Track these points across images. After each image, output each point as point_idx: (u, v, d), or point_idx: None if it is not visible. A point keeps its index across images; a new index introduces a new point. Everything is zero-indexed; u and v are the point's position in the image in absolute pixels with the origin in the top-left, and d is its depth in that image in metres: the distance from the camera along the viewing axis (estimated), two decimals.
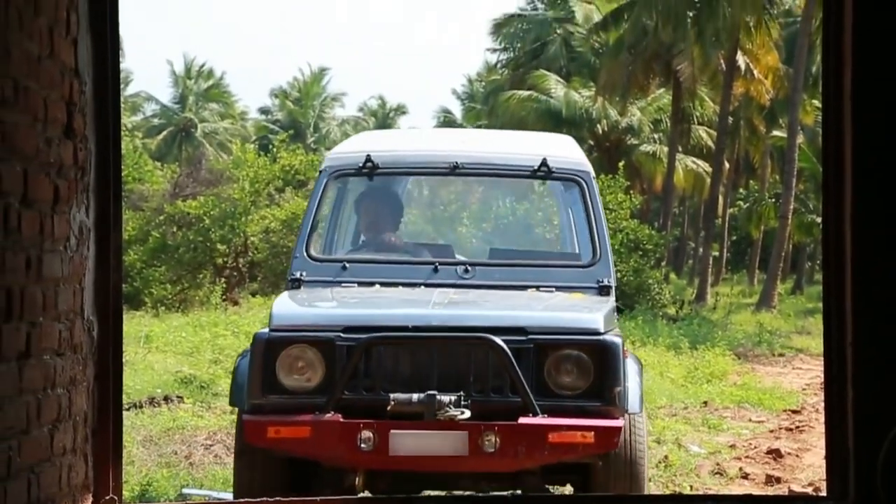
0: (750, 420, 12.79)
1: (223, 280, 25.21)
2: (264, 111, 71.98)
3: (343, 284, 7.04)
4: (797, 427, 12.15)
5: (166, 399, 12.19)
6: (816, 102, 37.68)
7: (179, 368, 14.35)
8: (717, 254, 45.47)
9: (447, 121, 66.64)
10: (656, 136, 46.00)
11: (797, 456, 10.41)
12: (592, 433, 5.97)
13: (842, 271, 4.83)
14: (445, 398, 5.94)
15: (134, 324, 18.75)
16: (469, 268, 7.13)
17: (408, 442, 5.97)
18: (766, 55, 37.89)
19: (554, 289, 6.96)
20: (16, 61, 4.12)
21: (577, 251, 7.53)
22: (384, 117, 74.24)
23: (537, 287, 7.00)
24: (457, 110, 69.40)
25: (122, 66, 5.23)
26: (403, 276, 7.11)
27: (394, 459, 6.02)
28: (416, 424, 5.97)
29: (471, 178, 8.07)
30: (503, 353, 5.98)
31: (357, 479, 6.22)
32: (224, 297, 24.38)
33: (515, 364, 5.98)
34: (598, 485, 6.31)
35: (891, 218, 4.67)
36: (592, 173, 7.50)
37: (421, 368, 6.12)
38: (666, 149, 42.92)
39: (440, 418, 5.92)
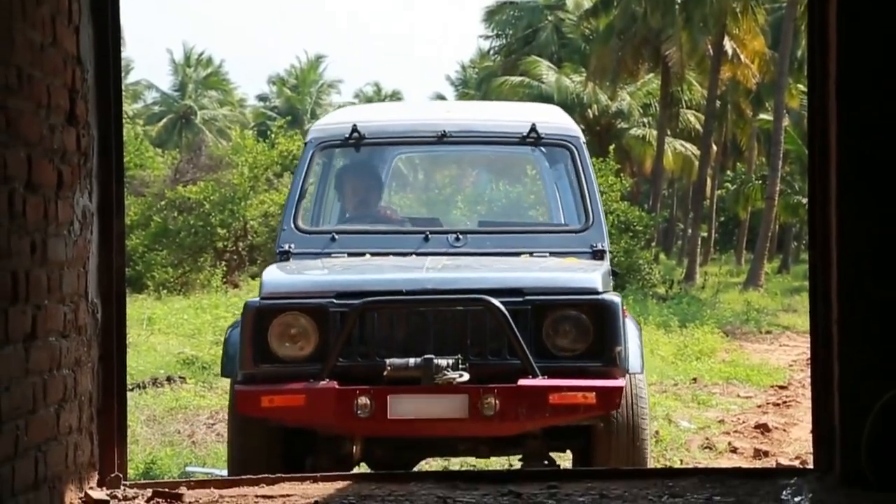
0: (738, 396, 12.79)
1: (223, 263, 25.17)
2: (262, 98, 71.84)
3: (333, 255, 6.67)
4: (784, 402, 12.15)
5: (169, 379, 12.18)
6: (802, 86, 37.61)
7: (181, 350, 14.35)
8: (705, 234, 45.46)
9: None
10: (646, 119, 45.94)
11: (784, 430, 10.42)
12: (594, 394, 5.73)
13: (827, 251, 4.83)
14: (443, 362, 5.69)
15: (137, 306, 18.72)
16: (460, 236, 6.75)
17: (406, 406, 5.73)
18: (752, 40, 37.83)
19: (548, 254, 6.65)
20: (19, 49, 4.11)
21: (568, 218, 7.17)
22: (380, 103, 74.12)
23: (530, 253, 6.67)
24: (451, 96, 69.32)
25: (123, 54, 5.22)
26: (394, 246, 6.72)
27: (392, 425, 5.79)
28: (413, 389, 5.73)
29: (459, 146, 7.56)
30: (500, 315, 5.74)
31: (354, 447, 6.02)
32: (224, 279, 24.37)
33: (514, 325, 5.74)
34: (600, 448, 6.08)
35: (874, 198, 4.67)
36: (582, 138, 7.13)
37: (417, 333, 5.86)
38: (655, 132, 42.88)
39: (438, 382, 5.68)
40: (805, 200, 19.80)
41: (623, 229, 25.93)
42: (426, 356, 5.70)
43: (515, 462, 8.25)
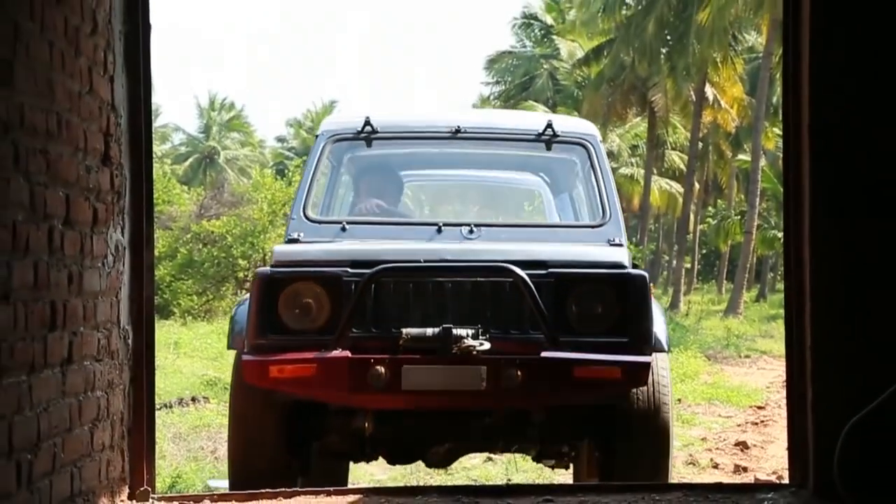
0: (719, 415, 12.76)
1: (244, 291, 25.18)
2: (280, 139, 71.99)
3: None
4: (762, 421, 12.12)
5: (194, 399, 12.18)
6: (777, 130, 37.66)
7: (205, 372, 14.35)
8: (688, 266, 45.42)
9: None
10: (634, 159, 46.00)
11: (762, 447, 10.39)
12: (620, 369, 5.03)
13: (801, 281, 4.83)
14: (462, 331, 5.01)
15: (164, 332, 18.71)
16: (474, 229, 5.88)
17: (421, 377, 5.03)
18: (731, 87, 37.91)
19: None
20: (59, 98, 4.13)
21: (584, 214, 6.41)
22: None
23: None
24: None
25: (154, 100, 5.23)
26: (405, 237, 5.85)
27: (406, 397, 5.08)
28: (430, 360, 5.04)
29: (473, 143, 6.53)
30: (523, 283, 5.04)
31: (366, 422, 5.34)
32: None
33: (537, 295, 5.05)
34: (622, 435, 5.37)
35: (844, 233, 4.68)
36: (598, 137, 6.43)
37: (435, 305, 5.15)
38: (642, 171, 42.90)
39: (456, 353, 5.00)
40: (780, 234, 19.84)
41: None
42: (445, 325, 5.04)
43: (513, 473, 8.23)
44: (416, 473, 8.18)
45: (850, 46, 4.65)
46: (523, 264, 5.14)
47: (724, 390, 14.65)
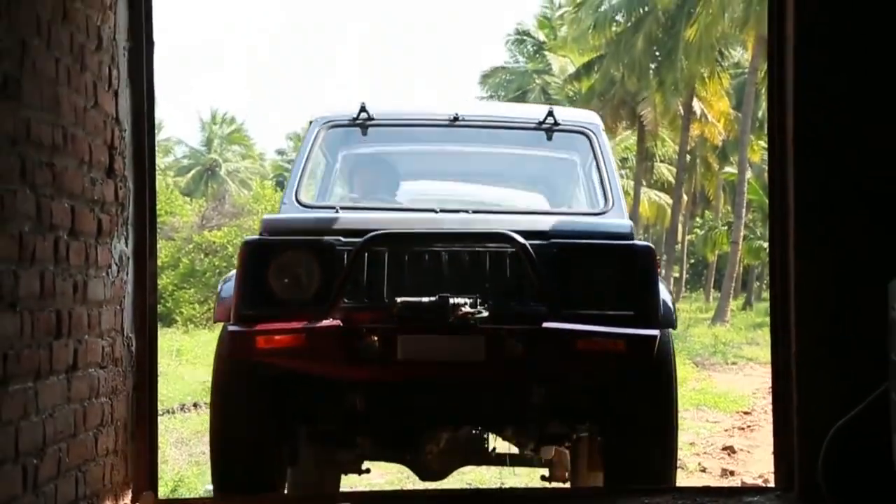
0: (707, 421, 12.77)
1: None
2: (280, 152, 71.94)
3: None
4: (748, 426, 12.13)
5: (195, 405, 12.17)
6: (762, 143, 37.71)
7: (207, 378, 14.29)
8: (677, 275, 45.44)
9: None
10: (623, 172, 46.01)
11: (748, 452, 10.40)
12: (625, 341, 4.59)
13: (786, 289, 4.84)
14: (459, 300, 4.57)
15: (167, 339, 18.69)
16: (473, 213, 5.46)
17: (417, 347, 4.60)
18: (718, 102, 37.97)
19: None
20: (65, 112, 4.13)
21: (587, 202, 5.98)
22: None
23: None
24: None
25: (157, 114, 5.19)
26: (402, 225, 5.20)
27: (402, 368, 4.64)
28: (426, 330, 4.60)
29: (471, 131, 6.06)
30: (523, 251, 4.62)
31: (357, 400, 4.92)
32: None
33: (536, 262, 4.63)
34: (626, 415, 4.92)
35: (828, 242, 4.69)
36: (601, 125, 6.03)
37: (431, 275, 4.71)
38: (632, 183, 42.94)
39: (454, 322, 4.56)
40: (766, 244, 19.85)
41: None
42: (441, 294, 4.60)
43: (509, 477, 8.19)
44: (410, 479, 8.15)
45: (835, 44, 4.65)
46: (524, 235, 4.71)
47: (712, 396, 14.65)
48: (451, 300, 4.58)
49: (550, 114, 5.97)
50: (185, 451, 9.66)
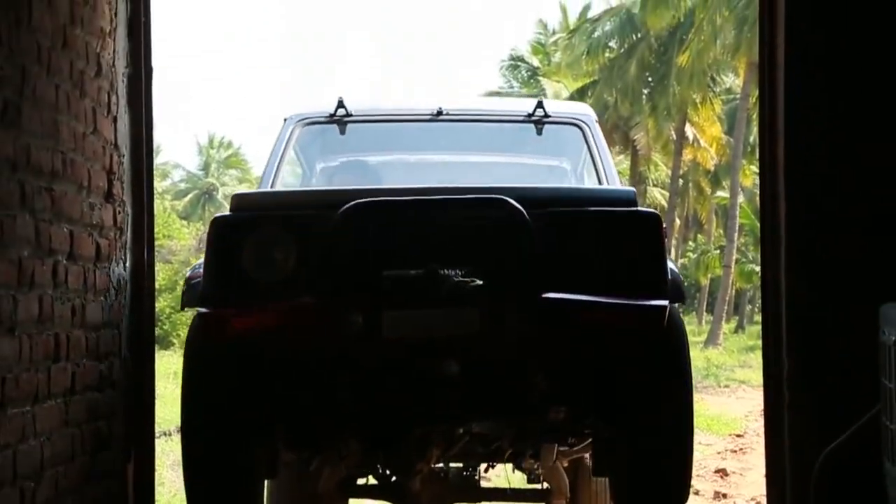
0: (699, 443, 12.74)
1: None
2: None
3: None
4: (741, 449, 12.11)
5: None
6: (754, 168, 37.81)
7: None
8: None
9: None
10: None
11: (741, 474, 10.38)
12: (633, 313, 4.14)
13: (778, 313, 4.84)
14: (450, 271, 4.07)
15: (164, 362, 18.64)
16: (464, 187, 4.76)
17: (406, 322, 4.08)
18: (710, 127, 38.08)
19: None
20: (64, 138, 4.14)
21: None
22: None
23: None
24: None
25: (155, 139, 5.11)
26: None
27: (388, 346, 4.12)
28: (415, 304, 4.09)
29: (456, 125, 5.52)
30: (520, 217, 4.09)
31: (340, 390, 4.27)
32: None
33: (534, 230, 4.10)
34: (636, 403, 4.34)
35: (818, 266, 4.70)
36: (594, 117, 5.54)
37: (419, 247, 4.16)
38: None
39: (444, 294, 4.05)
40: (758, 268, 19.90)
41: None
42: (430, 265, 4.09)
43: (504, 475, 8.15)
44: None
45: (828, 63, 4.67)
46: (521, 202, 4.15)
47: (705, 419, 14.63)
48: (441, 270, 4.07)
49: (540, 105, 5.50)
50: (181, 473, 9.63)
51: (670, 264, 4.42)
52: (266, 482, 4.76)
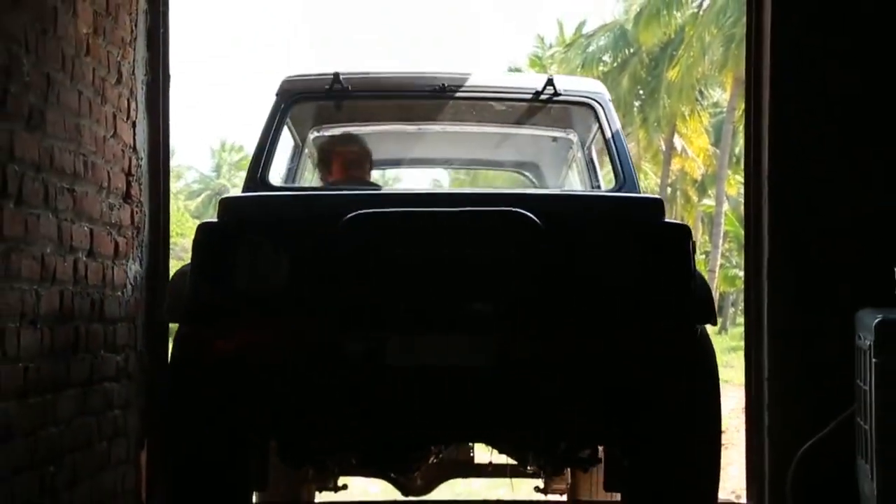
0: None
1: None
2: None
3: None
4: (723, 445, 12.11)
5: None
6: (739, 178, 37.83)
7: None
8: None
9: None
10: None
11: (722, 469, 10.37)
12: (661, 336, 3.65)
13: (760, 316, 4.86)
14: (461, 294, 3.56)
15: None
16: (474, 192, 4.46)
17: (411, 349, 3.56)
18: (698, 138, 38.10)
19: None
20: (86, 141, 4.16)
21: (596, 184, 5.03)
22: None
23: None
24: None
25: (171, 143, 5.01)
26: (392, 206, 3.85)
27: (391, 373, 3.57)
28: (420, 329, 3.58)
29: (461, 103, 4.92)
30: (539, 231, 3.55)
31: (338, 414, 3.72)
32: None
33: (555, 246, 3.57)
34: (659, 429, 3.81)
35: (799, 273, 4.71)
36: (608, 96, 4.85)
37: (427, 264, 3.58)
38: None
39: (455, 319, 3.54)
40: (741, 273, 19.92)
41: None
42: (439, 286, 3.57)
43: (501, 484, 8.10)
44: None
45: (811, 81, 4.69)
46: (537, 214, 3.60)
47: None
48: (451, 293, 3.56)
49: (550, 83, 4.81)
50: None
51: (699, 277, 3.77)
52: None
